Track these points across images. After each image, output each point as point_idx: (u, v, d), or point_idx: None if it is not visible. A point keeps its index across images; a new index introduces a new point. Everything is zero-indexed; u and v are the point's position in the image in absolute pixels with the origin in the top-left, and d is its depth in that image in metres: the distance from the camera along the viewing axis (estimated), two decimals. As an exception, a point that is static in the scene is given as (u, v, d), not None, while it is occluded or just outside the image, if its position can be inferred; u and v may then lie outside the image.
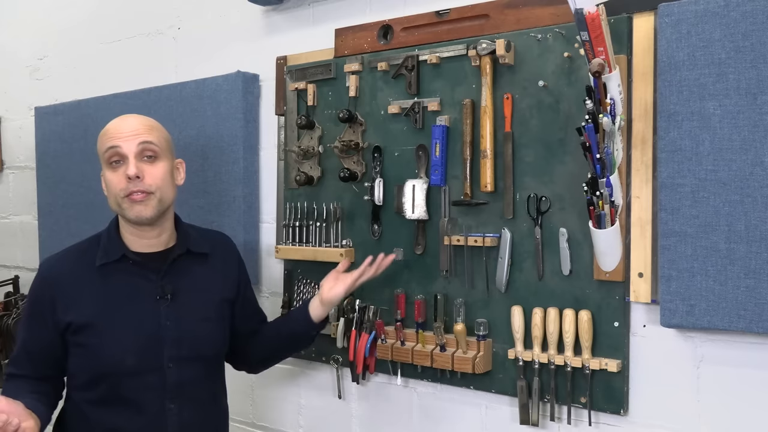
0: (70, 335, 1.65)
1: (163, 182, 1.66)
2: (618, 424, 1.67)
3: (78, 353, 1.65)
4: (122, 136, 1.64)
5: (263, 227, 2.34)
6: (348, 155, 2.06)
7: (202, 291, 1.75)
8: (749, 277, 1.44)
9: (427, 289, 1.92)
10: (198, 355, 1.72)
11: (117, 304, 1.65)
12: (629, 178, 1.62)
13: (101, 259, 1.67)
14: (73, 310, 1.64)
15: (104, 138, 1.67)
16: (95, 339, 1.63)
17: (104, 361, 1.63)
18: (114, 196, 1.64)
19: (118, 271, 1.67)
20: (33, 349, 1.68)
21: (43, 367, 1.69)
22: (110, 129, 1.67)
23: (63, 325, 1.64)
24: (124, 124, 1.67)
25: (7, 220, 3.34)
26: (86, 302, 1.64)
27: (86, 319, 1.63)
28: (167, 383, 1.66)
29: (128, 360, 1.63)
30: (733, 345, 1.52)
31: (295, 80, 2.18)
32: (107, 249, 1.68)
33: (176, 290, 1.69)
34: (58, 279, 1.67)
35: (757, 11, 1.42)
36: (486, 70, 1.78)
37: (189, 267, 1.74)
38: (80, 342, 1.64)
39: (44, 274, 1.70)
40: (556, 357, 1.69)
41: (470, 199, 1.83)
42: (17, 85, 3.26)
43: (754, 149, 1.43)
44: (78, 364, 1.67)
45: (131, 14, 2.77)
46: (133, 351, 1.64)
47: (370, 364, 2.01)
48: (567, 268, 1.69)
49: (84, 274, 1.67)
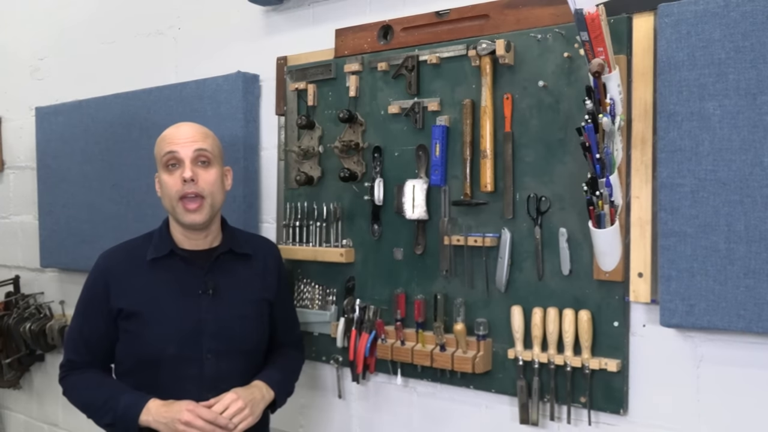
0: (120, 321, 1.76)
1: (214, 186, 1.77)
2: (618, 423, 1.67)
3: (125, 339, 1.77)
4: (180, 141, 1.75)
5: (263, 227, 2.35)
6: (348, 155, 2.06)
7: (242, 289, 1.84)
8: (749, 277, 1.44)
9: (427, 289, 1.92)
10: (235, 348, 1.80)
11: (163, 296, 1.77)
12: (629, 178, 1.62)
13: (152, 254, 1.78)
14: (124, 298, 1.76)
15: (163, 143, 1.78)
16: (141, 326, 1.74)
17: (147, 348, 1.74)
18: (169, 197, 1.76)
19: (166, 266, 1.79)
20: (91, 337, 1.80)
21: (101, 353, 1.81)
22: (168, 135, 1.78)
23: (115, 312, 1.76)
24: (182, 131, 1.78)
25: (8, 220, 3.34)
26: (136, 292, 1.76)
27: (135, 307, 1.75)
28: (205, 374, 1.74)
29: (169, 348, 1.73)
30: (732, 345, 1.53)
31: (296, 80, 2.18)
32: (158, 245, 1.80)
33: (218, 286, 1.79)
34: (112, 270, 1.79)
35: (757, 11, 1.42)
36: (486, 70, 1.79)
37: (231, 266, 1.83)
38: (128, 329, 1.76)
39: (100, 265, 1.82)
40: (556, 357, 1.69)
41: (470, 199, 1.83)
42: (17, 85, 3.26)
43: (753, 149, 1.43)
44: (124, 350, 1.79)
45: (131, 14, 2.77)
46: (174, 340, 1.74)
47: (370, 363, 2.01)
48: (567, 268, 1.69)
49: (135, 266, 1.79)
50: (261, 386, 1.79)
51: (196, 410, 1.65)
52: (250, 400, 1.72)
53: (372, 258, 2.03)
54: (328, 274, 2.12)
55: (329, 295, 2.12)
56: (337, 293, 2.11)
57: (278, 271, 1.95)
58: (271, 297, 1.90)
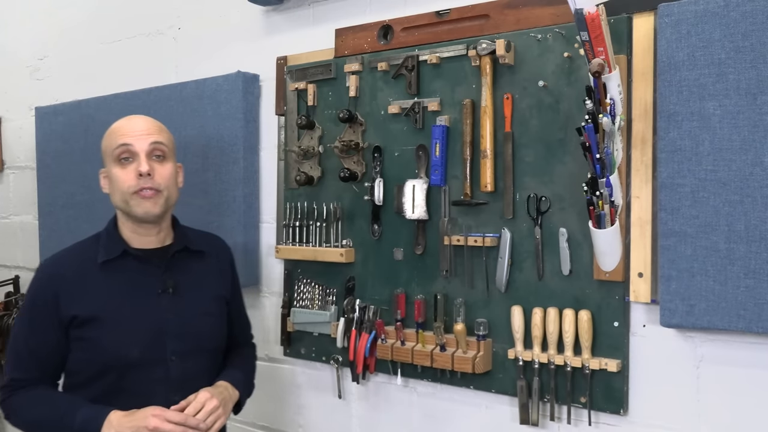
0: (74, 329, 1.66)
1: (170, 182, 1.72)
2: (618, 424, 1.67)
3: (82, 348, 1.66)
4: (134, 134, 1.68)
5: (263, 227, 2.34)
6: (348, 155, 2.06)
7: (201, 287, 1.79)
8: (749, 277, 1.44)
9: (427, 289, 1.92)
10: (200, 348, 1.75)
11: (121, 298, 1.68)
12: (629, 178, 1.62)
13: (103, 256, 1.70)
14: (78, 304, 1.65)
15: (114, 135, 1.70)
16: (100, 332, 1.65)
17: (110, 354, 1.64)
18: (122, 192, 1.67)
19: (120, 267, 1.70)
20: (40, 352, 1.68)
21: (51, 368, 1.70)
22: (121, 127, 1.71)
23: (67, 321, 1.65)
24: (136, 124, 1.71)
25: (8, 220, 3.34)
26: (90, 297, 1.66)
27: (91, 312, 1.65)
28: (171, 376, 1.68)
29: (133, 352, 1.65)
30: (732, 345, 1.52)
31: (296, 80, 2.18)
32: (108, 246, 1.71)
33: (177, 285, 1.73)
34: (61, 276, 1.68)
35: (757, 11, 1.42)
36: (486, 70, 1.78)
37: (187, 263, 1.78)
38: (85, 336, 1.65)
39: (46, 272, 1.71)
40: (556, 357, 1.69)
41: (470, 199, 1.83)
42: (17, 85, 3.26)
43: (754, 149, 1.43)
44: (81, 360, 1.67)
45: (131, 14, 2.77)
46: (137, 343, 1.66)
47: (370, 364, 2.01)
48: (567, 268, 1.69)
49: (86, 270, 1.69)
50: (227, 386, 1.75)
51: (163, 414, 1.57)
52: (221, 399, 1.68)
53: (372, 258, 2.03)
54: (328, 274, 2.12)
55: (329, 295, 2.12)
56: (337, 293, 2.11)
57: (231, 269, 1.92)
58: (228, 295, 1.87)
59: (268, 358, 2.35)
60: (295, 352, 2.23)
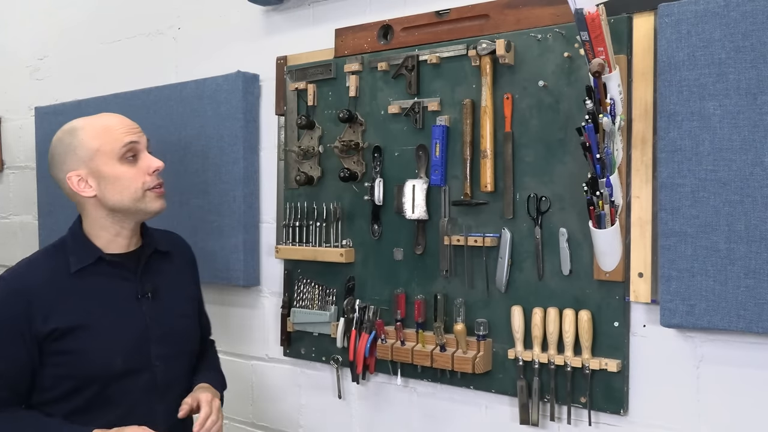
0: (52, 343, 1.57)
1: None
2: (618, 424, 1.67)
3: (61, 362, 1.58)
4: (134, 131, 1.66)
5: (263, 227, 2.34)
6: (348, 155, 2.06)
7: (175, 289, 1.77)
8: (749, 277, 1.44)
9: (427, 289, 1.92)
10: (181, 351, 1.74)
11: (101, 306, 1.62)
12: (629, 178, 1.62)
13: (76, 264, 1.62)
14: (54, 317, 1.56)
15: (113, 133, 1.63)
16: (82, 343, 1.58)
17: (93, 364, 1.58)
18: (133, 190, 1.63)
19: (95, 274, 1.64)
20: (8, 371, 1.56)
21: (22, 386, 1.58)
22: (116, 124, 1.65)
23: (43, 335, 1.55)
24: (126, 120, 1.68)
25: (7, 220, 3.34)
26: (68, 307, 1.59)
27: (71, 323, 1.57)
28: (156, 382, 1.66)
29: (117, 361, 1.60)
30: (733, 345, 1.52)
31: (295, 80, 2.18)
32: (80, 254, 1.64)
33: (155, 288, 1.70)
34: (29, 290, 1.57)
35: (757, 11, 1.42)
36: (486, 70, 1.78)
37: (159, 265, 1.75)
38: (65, 349, 1.57)
39: (10, 288, 1.59)
40: (556, 357, 1.69)
41: (470, 199, 1.83)
42: (17, 85, 3.26)
43: (754, 149, 1.43)
44: (58, 374, 1.58)
45: (131, 14, 2.77)
46: (121, 352, 1.61)
47: (370, 364, 2.01)
48: (567, 268, 1.69)
49: (58, 280, 1.60)
50: (210, 388, 1.72)
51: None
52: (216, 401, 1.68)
53: (372, 258, 2.03)
54: (328, 274, 2.12)
55: (329, 296, 2.12)
56: (337, 293, 2.11)
57: (194, 267, 1.90)
58: (196, 294, 1.86)
59: (268, 358, 2.35)
60: (295, 352, 2.23)
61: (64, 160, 1.65)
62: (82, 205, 1.68)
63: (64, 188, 1.68)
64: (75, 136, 1.65)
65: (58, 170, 1.67)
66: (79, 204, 1.68)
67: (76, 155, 1.64)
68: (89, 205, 1.66)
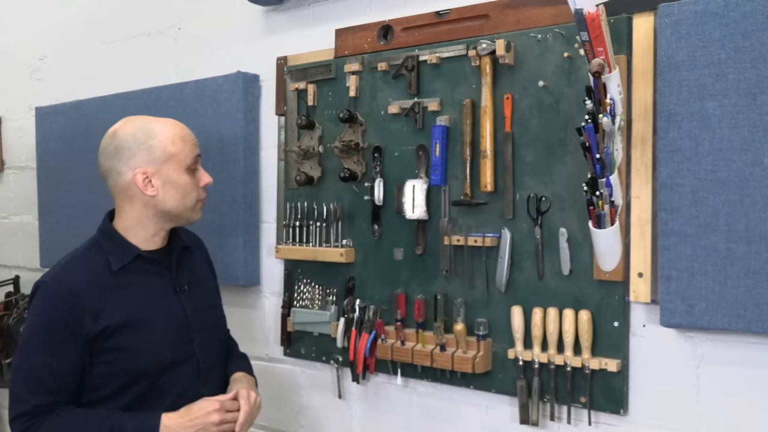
0: (104, 341, 1.60)
1: None
2: (618, 423, 1.67)
3: (113, 359, 1.61)
4: (198, 145, 1.71)
5: (263, 227, 2.34)
6: (348, 155, 2.06)
7: (203, 280, 1.83)
8: (749, 277, 1.44)
9: (427, 289, 1.92)
10: (216, 339, 1.81)
11: (144, 302, 1.67)
12: (629, 178, 1.62)
13: (117, 263, 1.65)
14: (104, 315, 1.60)
15: (189, 145, 1.69)
16: (134, 339, 1.62)
17: (146, 358, 1.63)
18: (190, 200, 1.69)
19: (133, 271, 1.67)
20: (62, 372, 1.59)
21: (74, 387, 1.61)
22: (188, 135, 1.70)
23: (94, 335, 1.59)
24: (189, 131, 1.71)
25: (8, 220, 3.34)
26: (115, 305, 1.62)
27: (120, 321, 1.61)
28: (200, 370, 1.72)
29: (167, 353, 1.66)
30: (732, 345, 1.53)
31: (296, 80, 2.18)
32: (118, 252, 1.67)
33: (189, 281, 1.76)
34: (76, 292, 1.60)
35: (757, 11, 1.42)
36: (486, 70, 1.78)
37: (186, 260, 1.80)
38: (116, 346, 1.61)
39: (57, 291, 1.61)
40: (556, 357, 1.69)
41: (470, 199, 1.83)
42: (17, 85, 3.26)
43: (753, 149, 1.43)
44: (111, 371, 1.62)
45: (131, 14, 2.77)
46: (170, 344, 1.67)
47: (370, 364, 2.01)
48: (567, 268, 1.69)
49: (101, 280, 1.64)
50: (245, 378, 1.81)
51: (222, 405, 1.62)
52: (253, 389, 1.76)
53: (372, 258, 2.03)
54: (328, 274, 2.12)
55: (329, 295, 2.12)
56: (337, 293, 2.11)
57: (209, 260, 1.94)
58: (217, 285, 1.91)
59: (268, 358, 2.35)
60: (295, 352, 2.23)
61: (134, 155, 1.64)
62: (130, 202, 1.67)
63: (119, 181, 1.66)
64: (153, 137, 1.65)
65: (122, 163, 1.65)
66: (128, 199, 1.67)
67: (150, 154, 1.64)
68: (140, 203, 1.66)
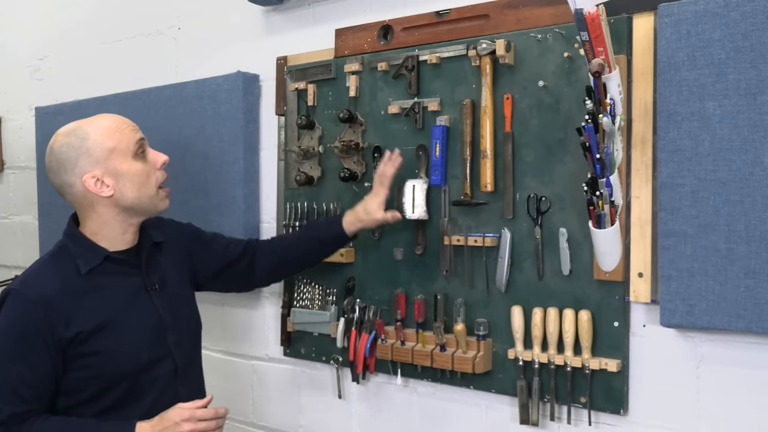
0: (77, 347, 1.58)
1: None
2: (618, 423, 1.67)
3: (89, 364, 1.59)
4: (137, 129, 1.67)
5: (263, 227, 2.34)
6: (348, 155, 2.06)
7: (174, 276, 1.78)
8: (749, 277, 1.44)
9: (427, 289, 1.92)
10: (191, 335, 1.79)
11: (115, 304, 1.63)
12: (629, 178, 1.62)
13: (85, 266, 1.62)
14: (76, 321, 1.57)
15: (126, 131, 1.64)
16: (108, 343, 1.60)
17: (122, 361, 1.61)
18: (150, 187, 1.65)
19: (103, 273, 1.64)
20: (35, 380, 1.57)
21: (48, 394, 1.59)
22: (122, 123, 1.65)
23: (67, 341, 1.56)
24: (127, 119, 1.68)
25: (8, 220, 3.34)
26: (86, 310, 1.59)
27: (93, 325, 1.58)
28: (178, 368, 1.70)
29: (142, 354, 1.64)
30: (732, 345, 1.53)
31: (296, 80, 2.18)
32: (85, 255, 1.64)
33: (160, 279, 1.72)
34: (49, 297, 1.57)
35: (757, 11, 1.42)
36: (486, 70, 1.78)
37: (156, 257, 1.76)
38: (91, 350, 1.59)
39: (30, 296, 1.58)
40: (556, 357, 1.69)
41: (470, 199, 1.83)
42: (17, 85, 3.26)
43: (753, 149, 1.43)
44: (87, 376, 1.60)
45: (131, 14, 2.77)
46: (145, 344, 1.65)
47: (370, 364, 2.01)
48: (567, 268, 1.69)
49: (71, 284, 1.61)
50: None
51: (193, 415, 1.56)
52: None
53: (372, 258, 2.03)
54: (328, 274, 2.12)
55: (329, 295, 2.12)
56: (337, 293, 2.11)
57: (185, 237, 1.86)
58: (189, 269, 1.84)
59: (268, 358, 2.35)
60: (295, 352, 2.23)
61: (76, 163, 1.61)
62: (91, 207, 1.64)
63: (73, 192, 1.64)
64: (87, 138, 1.62)
65: (69, 174, 1.62)
66: (89, 206, 1.64)
67: (91, 156, 1.61)
68: (101, 205, 1.64)
